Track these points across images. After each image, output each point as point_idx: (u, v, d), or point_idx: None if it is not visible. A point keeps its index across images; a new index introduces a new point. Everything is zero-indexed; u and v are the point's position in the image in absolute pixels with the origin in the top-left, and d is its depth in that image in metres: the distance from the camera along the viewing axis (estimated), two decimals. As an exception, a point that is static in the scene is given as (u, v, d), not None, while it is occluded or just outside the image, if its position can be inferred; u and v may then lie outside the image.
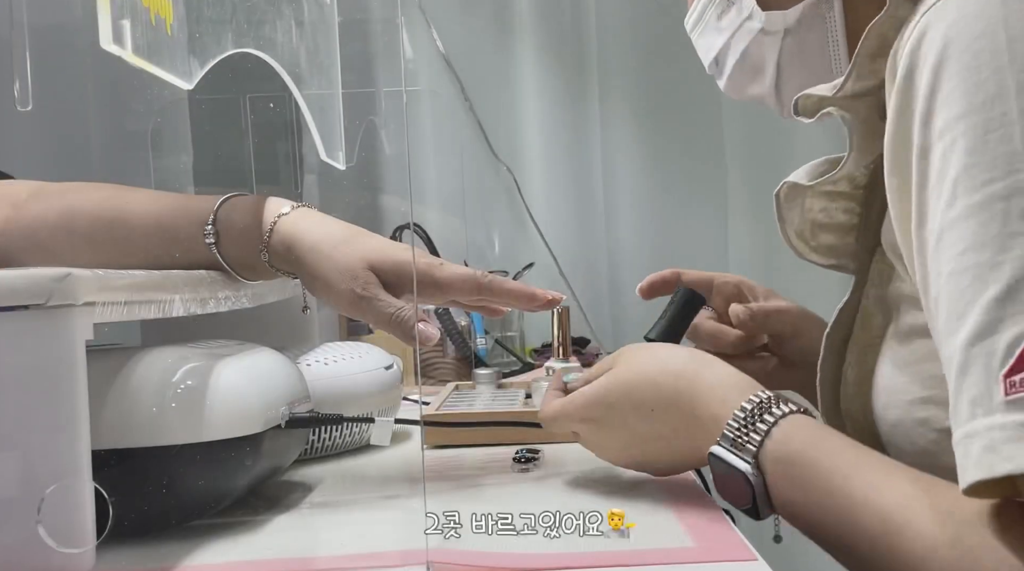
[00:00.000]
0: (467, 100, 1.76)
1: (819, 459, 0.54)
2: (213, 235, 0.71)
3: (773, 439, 0.55)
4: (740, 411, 0.57)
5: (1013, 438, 0.43)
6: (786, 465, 0.55)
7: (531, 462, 0.76)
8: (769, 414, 0.56)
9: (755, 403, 0.57)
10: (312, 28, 1.15)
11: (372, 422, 0.75)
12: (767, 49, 0.70)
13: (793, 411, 0.57)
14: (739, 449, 0.56)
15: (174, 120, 1.43)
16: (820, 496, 0.53)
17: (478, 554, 0.54)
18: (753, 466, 0.55)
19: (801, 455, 0.54)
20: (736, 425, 0.57)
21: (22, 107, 0.62)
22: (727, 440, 0.57)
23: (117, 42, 0.64)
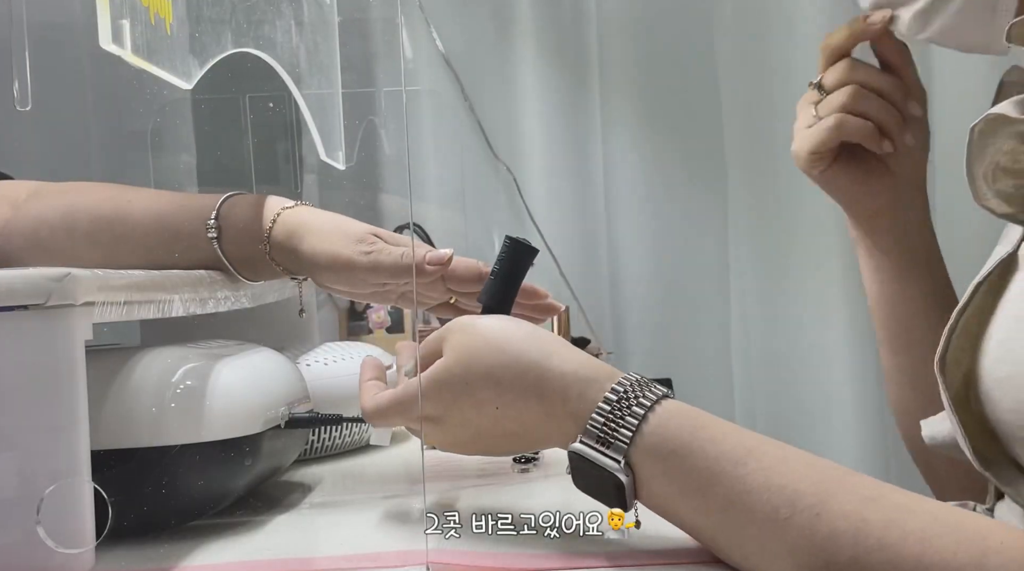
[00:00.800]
0: (467, 100, 1.76)
1: (703, 447, 0.50)
2: (215, 230, 0.71)
3: (644, 433, 0.50)
4: (605, 403, 0.51)
5: None
6: (661, 458, 0.50)
7: (531, 462, 0.76)
8: (637, 405, 0.51)
9: (619, 393, 0.51)
10: (312, 28, 1.15)
11: (372, 422, 0.75)
12: None
13: (662, 396, 0.52)
14: (606, 447, 0.51)
15: (174, 120, 1.43)
16: (705, 485, 0.49)
17: (478, 554, 0.54)
18: (623, 464, 0.51)
19: (680, 446, 0.50)
20: (601, 420, 0.51)
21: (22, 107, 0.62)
22: (591, 437, 0.51)
23: (117, 42, 0.64)
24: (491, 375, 0.54)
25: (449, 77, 1.75)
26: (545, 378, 0.53)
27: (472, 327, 0.57)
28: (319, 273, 0.72)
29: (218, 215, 0.71)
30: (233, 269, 0.73)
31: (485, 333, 0.56)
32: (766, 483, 0.48)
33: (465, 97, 1.76)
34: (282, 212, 0.72)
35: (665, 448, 0.50)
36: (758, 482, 0.48)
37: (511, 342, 0.55)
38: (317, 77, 1.17)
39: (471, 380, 0.55)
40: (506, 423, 0.55)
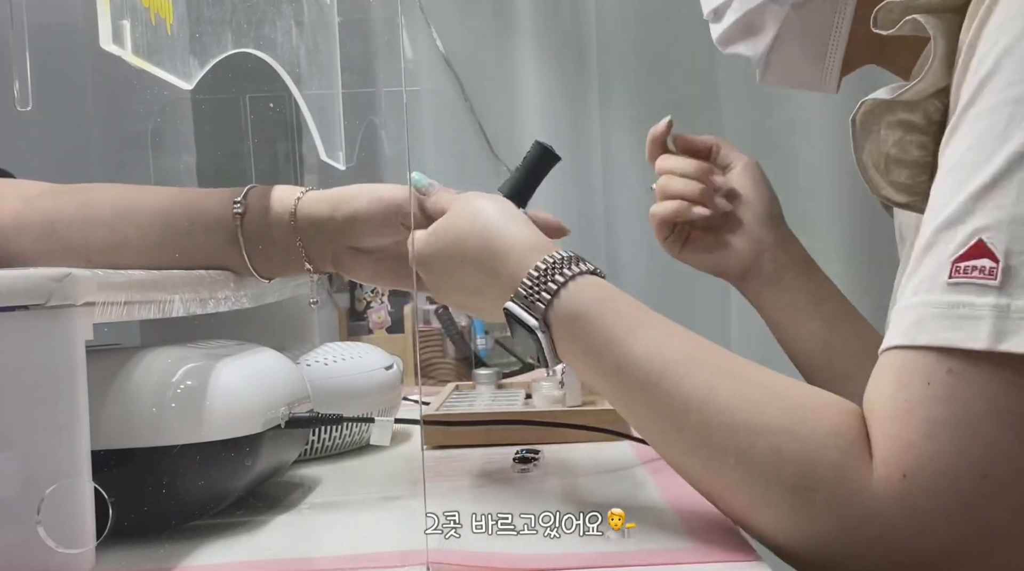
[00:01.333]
0: (467, 100, 1.76)
1: (604, 315, 0.58)
2: (241, 206, 0.72)
3: (561, 297, 0.59)
4: (535, 270, 0.60)
5: (941, 316, 0.48)
6: (571, 320, 0.59)
7: (531, 462, 0.76)
8: (560, 274, 0.59)
9: (549, 264, 0.60)
10: (312, 28, 1.15)
11: (372, 422, 0.75)
12: (770, 16, 0.72)
13: (585, 271, 0.60)
14: (529, 307, 0.60)
15: (174, 120, 1.43)
16: (601, 348, 0.57)
17: (478, 554, 0.54)
18: (540, 322, 0.59)
19: (587, 312, 0.58)
20: (529, 284, 0.60)
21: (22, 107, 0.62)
22: (520, 297, 0.60)
23: (117, 42, 0.64)
24: (462, 237, 0.65)
25: (449, 77, 1.75)
26: (498, 243, 0.63)
27: (467, 198, 0.68)
28: (357, 232, 0.72)
29: (245, 196, 0.73)
30: (248, 259, 0.73)
31: (472, 205, 0.67)
32: (646, 352, 0.56)
33: (465, 97, 1.76)
34: (307, 191, 0.74)
35: (574, 312, 0.59)
36: (641, 351, 0.56)
37: (484, 212, 0.66)
38: (317, 77, 1.17)
39: (450, 240, 0.66)
40: (468, 279, 0.65)
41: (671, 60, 1.73)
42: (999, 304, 0.46)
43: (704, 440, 0.53)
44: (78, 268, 0.68)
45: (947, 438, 0.47)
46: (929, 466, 0.47)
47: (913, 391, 0.48)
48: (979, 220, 0.47)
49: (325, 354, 0.87)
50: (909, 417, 0.48)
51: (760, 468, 0.51)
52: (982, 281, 0.47)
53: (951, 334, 0.47)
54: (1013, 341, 0.46)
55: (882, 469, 0.48)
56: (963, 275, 0.47)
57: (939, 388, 0.47)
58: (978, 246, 0.47)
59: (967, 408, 0.47)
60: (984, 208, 0.47)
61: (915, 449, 0.47)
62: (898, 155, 0.63)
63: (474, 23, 1.76)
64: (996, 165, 0.47)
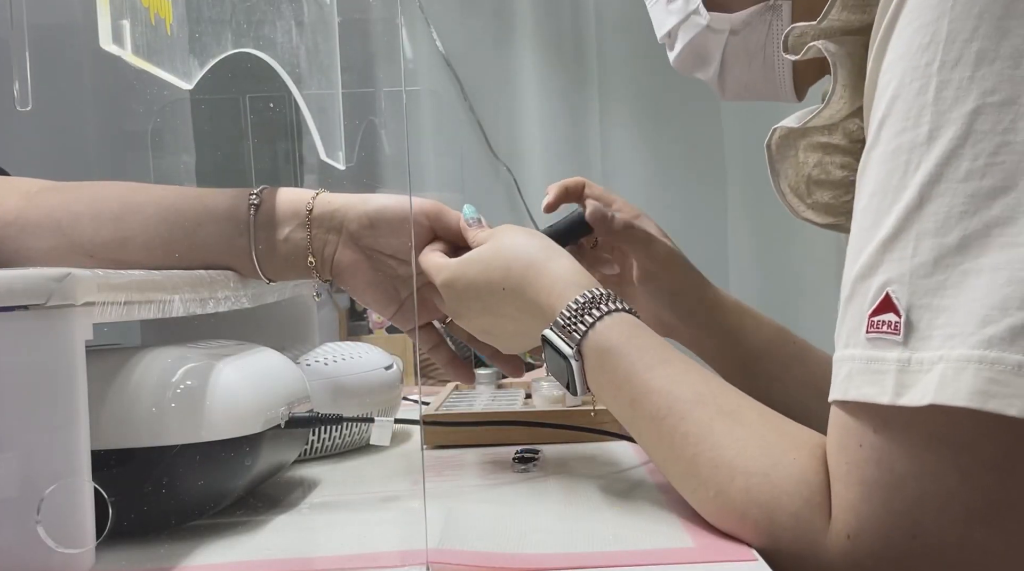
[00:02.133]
0: (467, 100, 1.76)
1: (629, 352, 0.61)
2: (257, 198, 0.73)
3: (596, 330, 0.62)
4: (574, 303, 0.63)
5: (863, 370, 0.49)
6: (601, 353, 0.62)
7: (531, 462, 0.76)
8: (596, 309, 0.63)
9: (588, 298, 0.63)
10: (312, 28, 1.15)
11: (372, 422, 0.75)
12: (712, 43, 0.73)
13: (620, 309, 0.63)
14: (566, 336, 0.63)
15: (174, 120, 1.43)
16: (622, 381, 0.61)
17: (478, 554, 0.54)
18: (575, 351, 0.62)
19: (615, 347, 0.61)
20: (568, 315, 0.63)
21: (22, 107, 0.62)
22: (558, 326, 0.64)
23: (117, 42, 0.65)
24: (507, 264, 0.68)
25: (449, 77, 1.75)
26: (542, 274, 0.66)
27: (512, 230, 0.72)
28: (377, 225, 0.73)
29: (262, 190, 0.74)
30: (254, 254, 0.73)
31: (517, 237, 0.71)
32: (661, 388, 0.59)
33: (465, 97, 1.76)
34: (322, 191, 0.75)
35: (603, 345, 0.62)
36: (656, 386, 0.59)
37: (531, 244, 0.69)
38: (317, 77, 1.17)
39: (493, 264, 0.69)
40: (505, 305, 0.68)
41: (671, 60, 1.73)
42: (901, 358, 0.47)
43: (694, 471, 0.56)
44: (83, 264, 0.69)
45: (879, 500, 0.48)
46: (867, 528, 0.49)
47: (850, 453, 0.50)
48: (885, 273, 0.48)
49: (325, 354, 0.87)
50: (848, 479, 0.50)
51: (733, 505, 0.54)
52: (890, 336, 0.48)
53: (868, 389, 0.48)
54: (910, 395, 0.46)
55: (833, 527, 0.50)
56: (876, 330, 0.48)
57: (869, 450, 0.49)
58: (886, 300, 0.48)
59: (892, 470, 0.48)
60: (889, 261, 0.48)
61: (854, 510, 0.49)
62: (819, 176, 0.65)
63: (474, 23, 1.77)
64: (895, 216, 0.48)
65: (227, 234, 0.73)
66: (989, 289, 0.45)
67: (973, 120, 0.46)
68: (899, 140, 0.49)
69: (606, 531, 0.58)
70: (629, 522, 0.60)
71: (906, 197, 0.48)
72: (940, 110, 0.47)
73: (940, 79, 0.47)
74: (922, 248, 0.47)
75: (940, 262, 0.46)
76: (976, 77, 0.46)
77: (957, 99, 0.47)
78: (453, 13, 1.76)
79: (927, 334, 0.46)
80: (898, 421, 0.48)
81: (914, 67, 0.48)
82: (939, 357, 0.46)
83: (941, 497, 0.47)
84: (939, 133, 0.47)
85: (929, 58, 0.48)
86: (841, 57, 0.58)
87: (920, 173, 0.47)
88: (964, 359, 0.45)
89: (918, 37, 0.48)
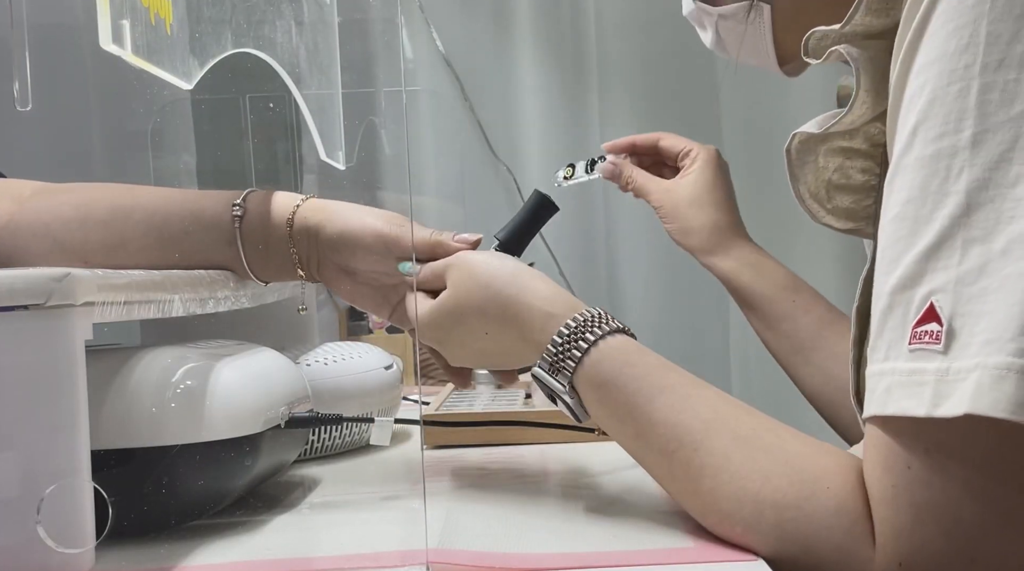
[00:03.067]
0: (467, 100, 1.76)
1: (626, 383, 0.58)
2: (240, 210, 0.72)
3: (585, 365, 0.60)
4: (558, 336, 0.61)
5: (905, 383, 0.47)
6: (596, 387, 0.60)
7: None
8: (583, 340, 0.60)
9: (571, 328, 0.61)
10: (312, 28, 1.15)
11: (372, 422, 0.75)
12: (706, 19, 0.78)
13: (611, 331, 0.60)
14: (556, 373, 0.61)
15: (174, 120, 1.43)
16: (624, 415, 0.58)
17: (478, 554, 0.54)
18: (567, 388, 0.60)
19: (610, 380, 0.59)
20: (554, 350, 0.61)
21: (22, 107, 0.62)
22: (546, 363, 0.61)
23: (117, 42, 0.64)
24: (480, 309, 0.65)
25: (449, 77, 1.75)
26: (519, 311, 0.63)
27: (467, 265, 0.67)
28: (341, 249, 0.72)
29: (244, 199, 0.73)
30: (245, 261, 0.73)
31: (476, 271, 0.66)
32: (666, 419, 0.57)
33: (465, 97, 1.76)
34: (308, 198, 0.74)
35: (598, 379, 0.59)
36: (661, 417, 0.57)
37: (496, 279, 0.65)
38: (317, 77, 1.17)
39: (465, 312, 0.66)
40: (492, 345, 0.66)
41: (670, 60, 1.73)
42: (940, 368, 0.46)
43: (715, 507, 0.54)
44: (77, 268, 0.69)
45: (933, 524, 0.47)
46: (920, 553, 0.47)
47: (897, 475, 0.48)
48: (930, 282, 0.47)
49: (325, 354, 0.87)
50: (897, 502, 0.48)
51: (765, 541, 0.52)
52: (931, 345, 0.46)
53: (907, 403, 0.47)
54: (946, 406, 0.45)
55: (881, 555, 0.48)
56: (919, 341, 0.47)
57: (919, 471, 0.47)
58: (930, 310, 0.46)
59: (945, 492, 0.46)
60: (934, 269, 0.46)
61: (905, 536, 0.47)
62: (840, 181, 0.63)
63: (474, 23, 1.76)
64: (939, 223, 0.47)
65: (215, 241, 0.72)
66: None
67: (1022, 123, 0.45)
68: (938, 145, 0.47)
69: (606, 531, 0.58)
70: (629, 522, 0.60)
71: (950, 203, 0.46)
72: (985, 113, 0.46)
73: (983, 82, 0.46)
74: (970, 255, 0.45)
75: (985, 269, 0.45)
76: (1023, 79, 0.45)
77: (1003, 102, 0.45)
78: (453, 13, 1.76)
79: (967, 341, 0.45)
80: (947, 439, 0.46)
81: (952, 70, 0.47)
82: (975, 365, 0.44)
83: (1000, 519, 0.45)
84: (984, 137, 0.46)
85: (969, 60, 0.46)
86: (864, 62, 0.57)
87: (964, 179, 0.46)
88: (1004, 367, 0.43)
89: (954, 39, 0.47)
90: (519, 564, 0.53)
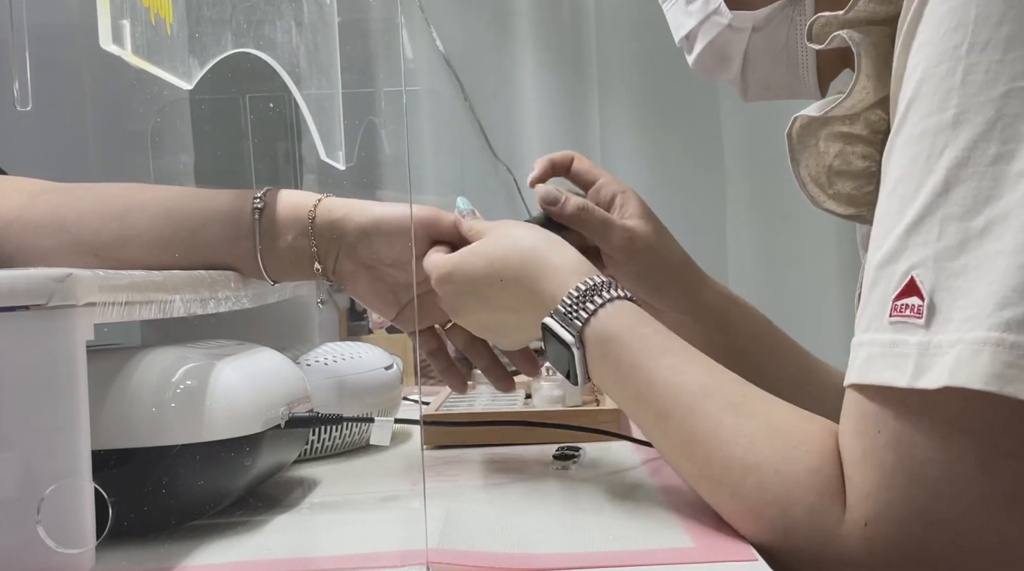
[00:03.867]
0: (467, 100, 1.76)
1: (632, 341, 0.60)
2: (261, 202, 0.73)
3: (597, 318, 0.61)
4: (575, 290, 0.62)
5: (884, 354, 0.48)
6: (603, 342, 0.61)
7: (571, 460, 0.77)
8: (598, 296, 0.62)
9: (588, 285, 0.62)
10: (312, 28, 1.15)
11: (372, 422, 0.75)
12: (734, 42, 0.72)
13: (621, 297, 0.62)
14: (567, 324, 0.62)
15: (174, 120, 1.43)
16: (627, 372, 0.60)
17: (478, 554, 0.54)
18: (576, 339, 0.62)
19: (618, 335, 0.61)
20: (569, 302, 0.62)
21: (22, 107, 0.62)
22: (559, 314, 0.63)
23: (117, 42, 0.65)
24: (505, 255, 0.67)
25: (449, 77, 1.75)
26: (542, 263, 0.65)
27: (505, 225, 0.71)
28: (373, 237, 0.73)
29: (264, 194, 0.73)
30: (260, 256, 0.73)
31: (512, 229, 0.70)
32: (666, 379, 0.58)
33: (465, 97, 1.76)
34: (327, 196, 0.75)
35: (606, 333, 0.61)
36: (661, 377, 0.58)
37: (528, 236, 0.68)
38: (317, 77, 1.17)
39: (491, 256, 0.68)
40: (505, 297, 0.67)
41: (670, 60, 1.72)
42: (922, 341, 0.47)
43: (706, 472, 0.56)
44: (87, 263, 0.69)
45: (898, 487, 0.48)
46: (885, 515, 0.48)
47: (869, 438, 0.49)
48: (910, 258, 0.48)
49: (325, 354, 0.87)
50: (865, 465, 0.49)
51: (749, 504, 0.53)
52: (913, 319, 0.47)
53: (889, 373, 0.48)
54: (927, 378, 0.46)
55: (849, 515, 0.50)
56: (900, 313, 0.48)
57: (888, 435, 0.48)
58: (910, 284, 0.48)
59: (911, 455, 0.48)
60: (916, 244, 0.48)
61: (872, 498, 0.49)
62: (841, 167, 0.63)
63: (474, 23, 1.77)
64: (921, 201, 0.48)
65: (231, 235, 0.73)
66: (1009, 271, 0.45)
67: (1003, 104, 0.46)
68: (924, 123, 0.48)
69: (606, 531, 0.58)
70: (629, 522, 0.60)
71: (932, 181, 0.47)
72: (967, 93, 0.47)
73: (968, 62, 0.47)
74: (948, 232, 0.47)
75: (965, 246, 0.46)
76: (1006, 60, 0.46)
77: (986, 83, 0.46)
78: (453, 13, 1.76)
79: (948, 317, 0.46)
80: (918, 406, 0.47)
81: (941, 51, 0.48)
82: (957, 339, 0.46)
83: (960, 484, 0.47)
84: (966, 117, 0.47)
85: (957, 41, 0.47)
86: (866, 46, 0.58)
87: (946, 157, 0.47)
88: (981, 341, 0.45)
89: (947, 20, 0.48)
90: (519, 564, 0.53)
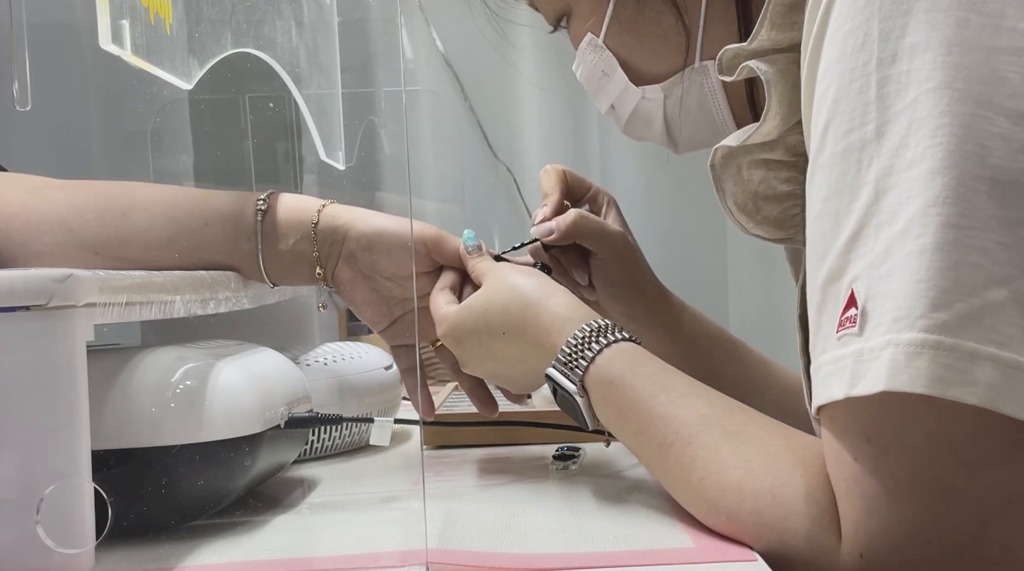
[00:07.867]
0: (467, 100, 1.76)
1: (632, 381, 0.61)
2: (264, 203, 0.73)
3: (596, 364, 0.62)
4: (573, 338, 0.63)
5: (832, 371, 0.48)
6: (604, 385, 0.62)
7: (571, 460, 0.77)
8: (596, 342, 0.63)
9: (587, 332, 0.63)
10: (312, 28, 1.15)
11: (372, 422, 0.75)
12: (652, 109, 0.75)
13: (620, 339, 0.63)
14: (569, 372, 0.63)
15: (173, 120, 1.43)
16: (627, 411, 0.61)
17: (478, 554, 0.54)
18: (579, 387, 0.63)
19: (619, 378, 0.61)
20: (568, 351, 0.63)
21: (21, 107, 0.62)
22: (560, 363, 0.64)
23: (116, 42, 0.64)
24: (504, 307, 0.68)
25: (449, 77, 1.75)
26: (540, 314, 0.66)
27: (502, 270, 0.71)
28: (375, 247, 0.73)
29: (268, 196, 0.74)
30: (261, 258, 0.73)
31: (507, 277, 0.70)
32: (665, 414, 0.59)
33: (465, 97, 1.76)
34: (331, 202, 0.75)
35: (607, 377, 0.62)
36: (661, 412, 0.59)
37: (521, 286, 0.69)
38: (317, 77, 1.17)
39: (489, 309, 0.69)
40: (508, 348, 0.68)
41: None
42: (856, 350, 0.47)
43: (703, 496, 0.56)
44: (88, 261, 0.69)
45: (885, 513, 0.47)
46: (878, 543, 0.48)
47: (846, 468, 0.49)
48: (852, 271, 0.48)
49: (325, 354, 0.87)
50: (850, 496, 0.49)
51: (745, 527, 0.53)
52: (851, 330, 0.47)
53: (833, 389, 0.48)
54: (862, 384, 0.46)
55: (844, 547, 0.49)
56: (843, 328, 0.48)
57: (865, 461, 0.48)
58: (851, 297, 0.48)
59: (893, 478, 0.47)
60: (856, 258, 0.48)
61: (863, 528, 0.48)
62: (766, 192, 0.65)
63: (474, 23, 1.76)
64: (856, 215, 0.48)
65: (232, 236, 0.73)
66: (936, 270, 0.45)
67: (914, 109, 0.47)
68: (848, 140, 0.49)
69: (606, 531, 0.58)
70: (629, 522, 0.60)
71: (864, 194, 0.48)
72: (885, 105, 0.48)
73: (880, 76, 0.48)
74: (879, 239, 0.47)
75: (890, 249, 0.46)
76: (913, 69, 0.47)
77: (899, 92, 0.47)
78: (453, 13, 1.76)
79: (878, 321, 0.46)
80: (889, 427, 0.47)
81: (851, 68, 0.49)
82: (887, 342, 0.45)
83: (951, 497, 0.46)
84: (887, 127, 0.47)
85: (865, 58, 0.48)
86: (773, 75, 0.59)
87: (873, 169, 0.48)
88: (917, 343, 0.44)
89: (851, 40, 0.49)
90: (519, 564, 0.53)
